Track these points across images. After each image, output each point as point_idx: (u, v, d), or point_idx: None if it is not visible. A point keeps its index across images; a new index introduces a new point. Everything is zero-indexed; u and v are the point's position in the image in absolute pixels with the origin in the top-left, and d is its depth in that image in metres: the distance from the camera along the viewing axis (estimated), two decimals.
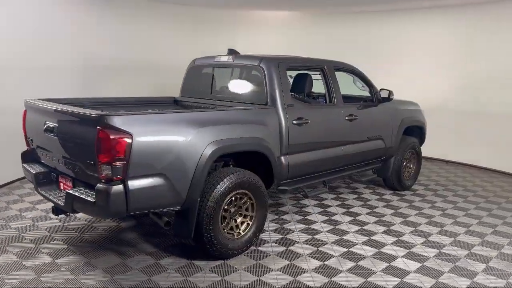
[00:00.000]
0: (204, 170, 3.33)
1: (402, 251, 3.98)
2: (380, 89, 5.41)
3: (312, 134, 4.40)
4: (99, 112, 3.00)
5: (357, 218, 4.84)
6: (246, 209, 3.80)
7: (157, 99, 5.02)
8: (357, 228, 4.53)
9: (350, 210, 5.12)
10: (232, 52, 4.62)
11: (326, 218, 4.81)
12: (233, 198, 3.65)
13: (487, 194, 6.02)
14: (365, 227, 4.55)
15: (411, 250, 4.02)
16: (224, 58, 4.60)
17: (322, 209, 5.11)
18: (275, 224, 4.54)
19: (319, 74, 4.86)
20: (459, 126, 7.86)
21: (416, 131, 6.31)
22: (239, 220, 3.76)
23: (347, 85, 5.68)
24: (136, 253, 3.79)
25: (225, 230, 3.64)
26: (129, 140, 2.91)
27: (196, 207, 3.34)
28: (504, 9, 7.18)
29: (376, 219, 4.83)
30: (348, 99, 5.74)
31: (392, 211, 5.13)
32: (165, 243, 3.99)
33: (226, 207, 3.60)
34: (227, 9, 8.71)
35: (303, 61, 4.76)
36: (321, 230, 4.44)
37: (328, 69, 4.82)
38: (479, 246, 4.17)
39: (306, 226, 4.54)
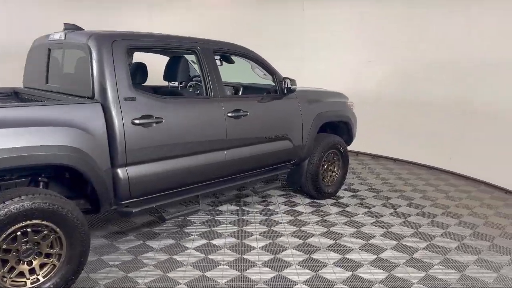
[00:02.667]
0: None
1: None
2: (283, 78, 4.34)
3: (168, 136, 3.32)
4: None
5: (244, 241, 3.80)
6: (51, 246, 2.74)
7: None
8: (235, 257, 3.50)
9: (244, 228, 4.08)
10: (68, 27, 3.48)
11: (205, 242, 3.77)
12: (20, 233, 2.57)
13: (423, 203, 5.03)
14: (246, 256, 3.51)
15: None
16: (57, 36, 3.47)
17: (208, 228, 4.06)
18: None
19: (196, 58, 3.77)
20: (407, 120, 6.86)
21: (343, 128, 5.29)
22: (35, 262, 2.69)
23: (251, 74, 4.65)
24: None
25: (7, 279, 2.57)
26: None
27: None
28: None
29: (268, 241, 3.80)
30: (249, 90, 4.74)
31: (294, 229, 4.11)
32: None
33: (5, 246, 2.53)
34: None
35: (160, 39, 3.62)
36: (184, 263, 3.40)
37: (203, 52, 3.73)
38: (379, 285, 3.17)
39: (168, 256, 3.50)
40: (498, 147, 5.58)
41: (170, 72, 3.78)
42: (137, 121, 3.11)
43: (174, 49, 3.69)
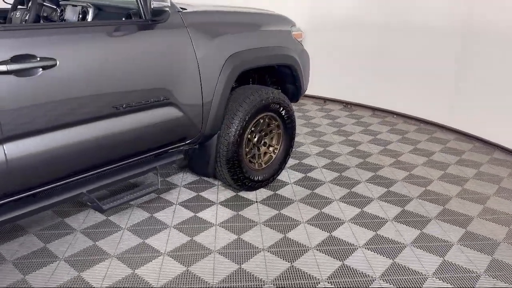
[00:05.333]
0: None
1: None
2: None
3: None
4: None
5: None
6: None
7: None
8: None
9: (83, 275, 2.27)
10: None
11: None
12: None
13: (408, 193, 3.20)
14: None
15: None
16: None
17: (37, 267, 2.25)
18: None
19: None
20: (391, 53, 4.84)
21: (285, 75, 3.29)
22: None
23: None
24: None
25: None
26: None
27: None
28: None
29: None
30: (110, 13, 2.67)
31: (180, 269, 2.30)
32: None
33: None
34: None
35: None
36: None
37: None
38: None
39: None
40: None
41: None
42: None
43: None
